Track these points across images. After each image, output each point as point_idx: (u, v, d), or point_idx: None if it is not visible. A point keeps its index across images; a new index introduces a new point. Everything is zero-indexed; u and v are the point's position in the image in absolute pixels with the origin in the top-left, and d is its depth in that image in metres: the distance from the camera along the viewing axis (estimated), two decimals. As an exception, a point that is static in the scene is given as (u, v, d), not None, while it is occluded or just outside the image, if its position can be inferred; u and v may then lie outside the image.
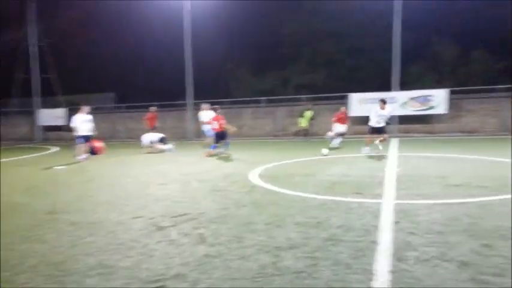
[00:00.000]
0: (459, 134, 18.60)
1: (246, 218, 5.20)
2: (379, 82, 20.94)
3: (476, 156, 10.76)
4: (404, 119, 19.38)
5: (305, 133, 19.19)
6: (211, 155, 12.99)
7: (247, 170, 9.49)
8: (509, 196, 5.92)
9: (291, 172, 9.23)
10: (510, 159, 9.59)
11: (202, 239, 4.40)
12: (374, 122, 12.25)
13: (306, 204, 5.87)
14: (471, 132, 18.77)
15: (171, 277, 3.44)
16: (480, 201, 5.70)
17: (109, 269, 3.66)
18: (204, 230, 4.76)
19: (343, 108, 15.90)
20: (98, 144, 13.44)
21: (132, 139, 22.82)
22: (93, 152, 13.19)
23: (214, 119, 13.31)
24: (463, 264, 3.47)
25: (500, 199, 5.79)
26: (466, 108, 19.34)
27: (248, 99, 23.70)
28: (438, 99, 18.56)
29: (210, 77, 28.30)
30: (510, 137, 16.24)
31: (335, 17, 25.97)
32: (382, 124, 12.20)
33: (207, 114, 14.42)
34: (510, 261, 3.52)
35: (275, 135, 22.59)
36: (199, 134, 14.64)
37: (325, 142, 15.62)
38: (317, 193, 6.60)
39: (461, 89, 19.22)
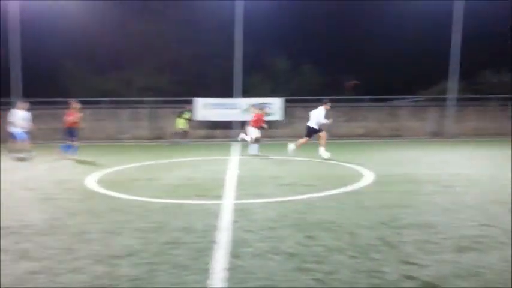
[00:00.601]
0: (293, 138, 20.49)
1: (80, 228, 4.81)
2: (223, 88, 21.78)
3: (306, 158, 12.03)
4: (245, 124, 20.51)
5: (184, 135, 18.77)
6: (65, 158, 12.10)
7: (84, 176, 8.81)
8: (331, 192, 6.78)
9: (133, 176, 8.91)
10: (332, 160, 11.02)
11: (25, 255, 3.91)
12: (317, 124, 11.99)
13: (146, 209, 5.72)
14: (302, 137, 20.88)
15: (-18, 301, 2.97)
16: (307, 198, 6.39)
17: None
18: (28, 244, 4.23)
19: (263, 108, 14.48)
20: None
21: None
22: None
23: (69, 114, 12.54)
24: (290, 255, 3.83)
25: (323, 196, 6.57)
26: (298, 115, 21.44)
27: (88, 99, 22.00)
28: (275, 107, 20.21)
29: (44, 75, 25.41)
30: (337, 141, 18.59)
31: (181, 21, 26.09)
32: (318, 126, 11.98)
33: (20, 115, 12.54)
34: (329, 249, 4.02)
35: (118, 139, 21.50)
36: (31, 136, 12.91)
37: (198, 146, 15.60)
38: (159, 197, 6.51)
39: (294, 98, 21.30)
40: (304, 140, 12.39)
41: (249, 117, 19.86)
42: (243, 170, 9.68)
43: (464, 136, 20.64)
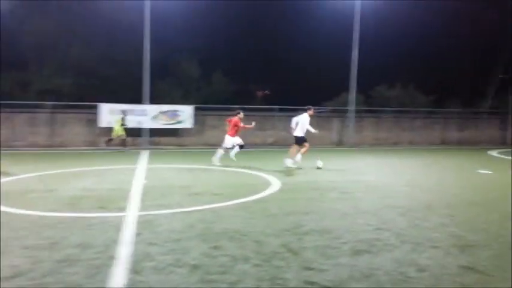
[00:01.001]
0: (204, 146, 20.42)
1: (-43, 248, 4.24)
2: (131, 94, 20.96)
3: (215, 167, 11.98)
4: (155, 132, 19.94)
5: (122, 142, 17.39)
6: None
7: (-34, 188, 7.82)
8: (239, 201, 6.82)
9: (28, 188, 8.10)
10: (241, 169, 11.14)
11: None
12: (301, 132, 11.84)
13: (40, 224, 5.24)
14: (213, 145, 20.86)
15: None
16: (214, 207, 6.35)
17: None
18: None
19: (241, 114, 12.82)
20: None
21: None
22: None
23: None
24: (194, 268, 3.75)
25: (231, 204, 6.59)
26: (209, 123, 21.43)
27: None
28: (185, 115, 19.96)
29: None
30: (248, 149, 18.83)
31: (85, 22, 24.65)
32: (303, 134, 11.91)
33: None
34: (235, 259, 4.02)
35: (12, 146, 19.55)
36: None
37: (103, 155, 14.61)
38: (56, 210, 6.01)
39: (205, 106, 21.23)
40: (303, 149, 12.03)
41: (158, 124, 19.45)
42: (151, 179, 9.35)
43: (363, 145, 22.24)
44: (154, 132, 20.00)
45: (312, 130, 12.17)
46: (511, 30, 25.78)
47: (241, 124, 12.60)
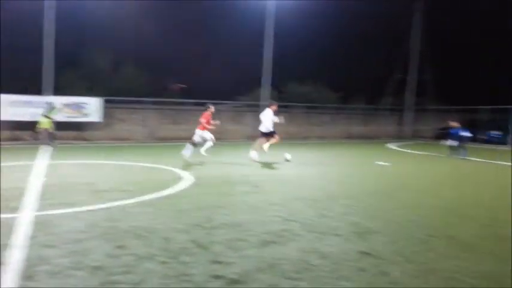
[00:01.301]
0: (112, 141, 19.49)
1: None
2: (30, 84, 19.25)
3: (124, 162, 11.49)
4: (58, 126, 18.52)
5: (50, 136, 15.50)
6: None
7: None
8: (148, 197, 6.59)
9: None
10: (152, 164, 10.81)
11: None
12: (270, 126, 12.33)
13: None
14: (123, 139, 20.03)
15: None
16: (120, 204, 6.07)
17: None
18: None
19: (212, 108, 12.67)
20: None
21: None
22: None
23: None
24: (95, 269, 3.54)
25: (139, 201, 6.34)
26: (118, 117, 20.47)
27: None
28: (92, 107, 18.81)
29: None
30: (159, 144, 18.34)
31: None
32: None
33: None
34: (140, 258, 3.87)
35: None
36: None
37: (7, 149, 13.02)
38: None
39: (114, 98, 20.20)
40: (274, 140, 12.58)
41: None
42: (52, 176, 8.66)
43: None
44: (57, 126, 18.57)
45: (278, 120, 12.57)
46: (406, 33, 28.22)
47: (207, 121, 12.46)
